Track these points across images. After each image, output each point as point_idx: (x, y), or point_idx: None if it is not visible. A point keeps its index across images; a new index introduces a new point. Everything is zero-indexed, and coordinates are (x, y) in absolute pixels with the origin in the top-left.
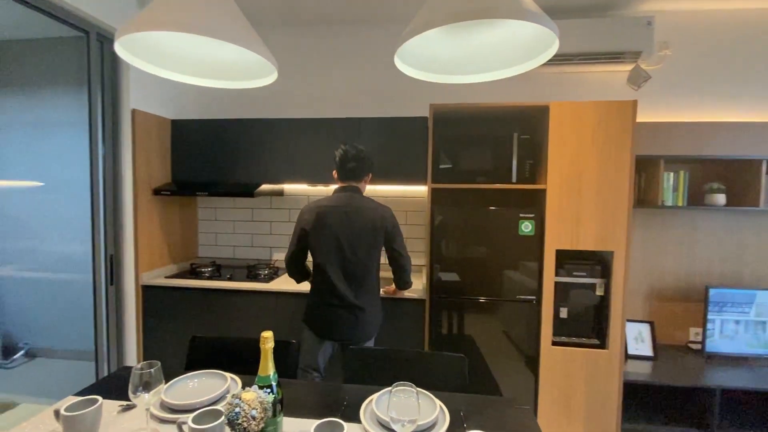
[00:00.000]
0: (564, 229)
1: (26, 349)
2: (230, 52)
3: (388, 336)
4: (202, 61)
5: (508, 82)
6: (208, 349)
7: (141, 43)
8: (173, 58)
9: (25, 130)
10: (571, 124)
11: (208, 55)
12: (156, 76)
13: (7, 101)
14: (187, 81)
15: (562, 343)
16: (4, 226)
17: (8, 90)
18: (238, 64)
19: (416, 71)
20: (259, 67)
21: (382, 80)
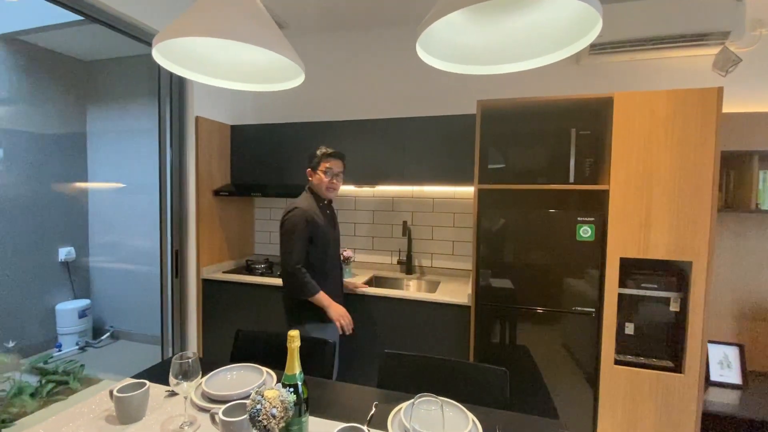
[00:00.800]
0: (630, 235)
1: (111, 332)
2: (261, 57)
3: (429, 342)
4: (235, 66)
5: (564, 73)
6: (252, 342)
7: (177, 50)
8: (208, 63)
9: (110, 138)
10: (640, 116)
11: (240, 59)
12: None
13: (97, 113)
14: (220, 85)
15: (627, 362)
16: (96, 223)
17: (99, 103)
18: (268, 68)
19: (443, 62)
20: (289, 70)
21: (429, 79)
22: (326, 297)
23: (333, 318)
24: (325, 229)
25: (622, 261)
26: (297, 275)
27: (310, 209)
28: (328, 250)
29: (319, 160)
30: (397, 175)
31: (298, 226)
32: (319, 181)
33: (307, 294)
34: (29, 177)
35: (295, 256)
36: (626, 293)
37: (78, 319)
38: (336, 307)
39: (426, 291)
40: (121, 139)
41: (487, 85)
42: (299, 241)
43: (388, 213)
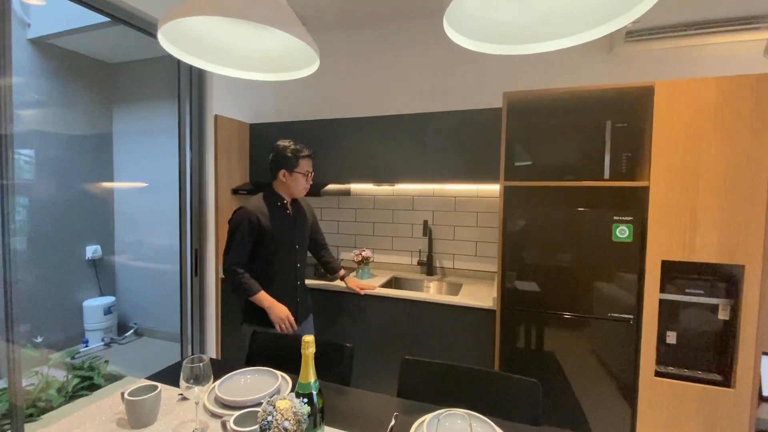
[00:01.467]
0: (673, 235)
1: (135, 329)
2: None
3: (450, 347)
4: (246, 54)
5: (595, 63)
6: (268, 344)
7: (188, 37)
8: (219, 51)
9: (135, 138)
10: (685, 106)
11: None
12: (237, 83)
13: (122, 114)
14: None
15: (669, 374)
16: (121, 222)
17: (124, 104)
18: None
19: (472, 41)
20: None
21: (450, 72)
22: (267, 298)
23: (273, 320)
24: (274, 231)
25: (664, 264)
26: (232, 276)
27: (256, 209)
28: (277, 251)
29: (298, 160)
30: (417, 173)
31: (238, 227)
32: (295, 182)
33: (245, 294)
34: (59, 177)
35: (231, 256)
36: (668, 299)
37: (104, 316)
38: (277, 308)
39: (448, 293)
40: (144, 139)
41: (511, 77)
42: (238, 241)
43: (408, 212)
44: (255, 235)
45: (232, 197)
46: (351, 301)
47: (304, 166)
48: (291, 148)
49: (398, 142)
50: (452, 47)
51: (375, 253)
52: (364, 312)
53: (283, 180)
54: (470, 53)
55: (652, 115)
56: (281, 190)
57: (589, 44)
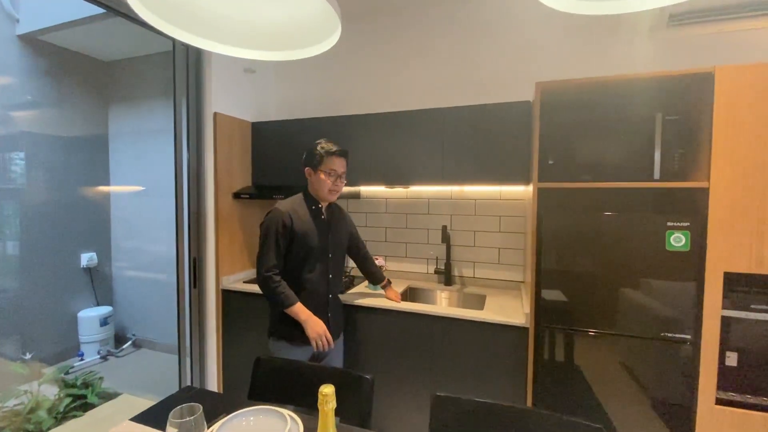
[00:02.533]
0: (738, 243)
1: (133, 340)
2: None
3: (478, 371)
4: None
5: (634, 51)
6: (273, 372)
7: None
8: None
9: (132, 139)
10: (753, 95)
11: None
12: (238, 78)
13: (119, 114)
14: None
15: (731, 402)
16: (119, 228)
17: (120, 104)
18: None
19: None
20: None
21: (471, 62)
22: (304, 310)
23: (309, 336)
24: (307, 236)
25: (727, 276)
26: (267, 282)
27: (291, 210)
28: (308, 258)
29: (321, 158)
30: (433, 174)
31: (271, 229)
32: (319, 182)
33: (279, 305)
34: (52, 181)
35: (266, 260)
36: (731, 316)
37: (100, 327)
38: (314, 323)
39: (470, 306)
40: (143, 139)
41: (537, 69)
42: (273, 244)
43: (424, 216)
44: (288, 237)
45: (233, 202)
46: (365, 318)
47: (329, 164)
48: (320, 144)
49: (413, 141)
50: (472, 35)
51: (387, 261)
52: (379, 329)
53: (309, 179)
54: (493, 42)
55: (711, 106)
56: (312, 192)
57: (627, 30)
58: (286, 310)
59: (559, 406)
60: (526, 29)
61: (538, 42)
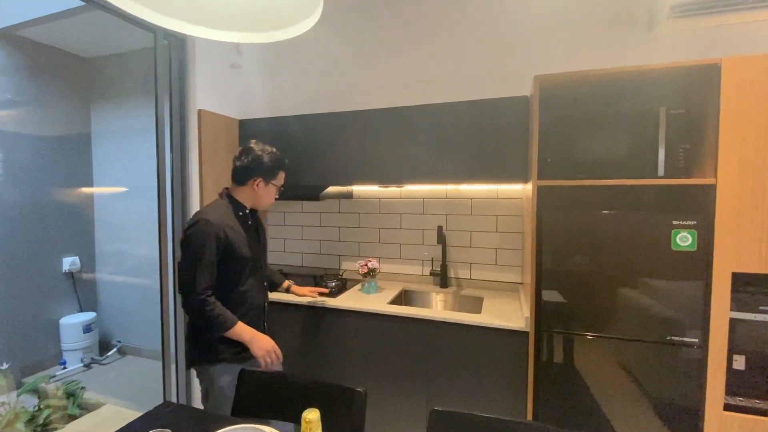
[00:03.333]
0: (746, 242)
1: (118, 347)
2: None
3: (475, 378)
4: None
5: (632, 45)
6: (259, 385)
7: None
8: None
9: (116, 138)
10: (761, 87)
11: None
12: (224, 73)
13: (102, 113)
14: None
15: (740, 407)
16: (103, 231)
17: (103, 102)
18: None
19: None
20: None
21: (467, 57)
22: (247, 329)
23: (257, 355)
24: (243, 246)
25: (735, 277)
26: (203, 308)
27: (221, 221)
28: (244, 271)
29: (276, 171)
30: (428, 173)
31: (203, 244)
32: (267, 194)
33: (221, 329)
34: (31, 182)
35: (200, 281)
36: (739, 318)
37: (83, 334)
38: (261, 340)
39: (467, 309)
40: (127, 139)
41: (537, 62)
42: (206, 262)
43: (418, 216)
44: (221, 251)
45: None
46: (356, 323)
47: (281, 178)
48: (271, 155)
49: (407, 138)
50: (469, 29)
51: (381, 263)
52: (371, 335)
53: (254, 189)
54: (490, 35)
55: (718, 99)
56: (244, 199)
57: (625, 23)
58: (227, 333)
59: (562, 414)
60: (523, 23)
61: (535, 37)
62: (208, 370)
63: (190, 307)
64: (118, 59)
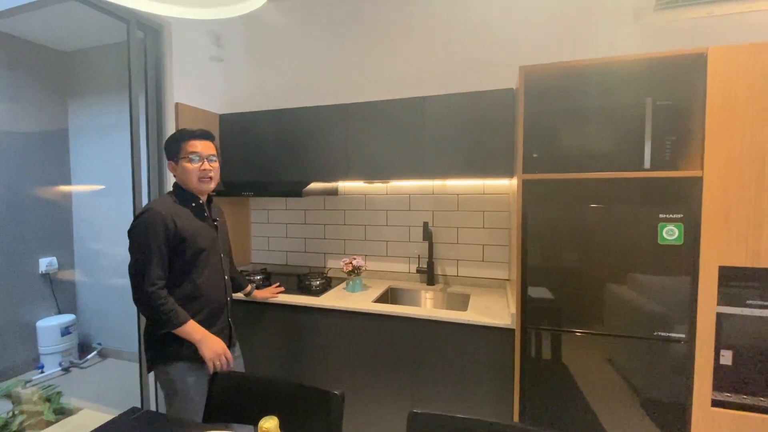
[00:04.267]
0: (733, 236)
1: (99, 350)
2: None
3: (461, 377)
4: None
5: (619, 36)
6: (232, 388)
7: None
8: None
9: (95, 134)
10: (748, 77)
11: None
12: (204, 68)
13: (80, 108)
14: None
15: (727, 403)
16: (82, 230)
17: (81, 97)
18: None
19: None
20: None
21: (449, 49)
22: (197, 328)
23: (206, 357)
24: (196, 236)
25: (722, 271)
26: (152, 300)
27: (171, 210)
28: (201, 264)
29: (178, 144)
30: (414, 168)
31: (150, 234)
32: (184, 172)
33: (169, 325)
34: (6, 180)
35: (149, 273)
36: (726, 312)
37: (61, 337)
38: (211, 341)
39: (454, 307)
40: (106, 135)
41: (522, 56)
42: (155, 252)
43: (405, 213)
44: (173, 242)
45: None
46: (336, 321)
47: (189, 148)
48: (174, 134)
49: (392, 133)
50: (454, 20)
51: (367, 260)
52: (353, 334)
53: (174, 174)
54: (475, 26)
55: (704, 90)
56: (186, 187)
57: (611, 14)
58: (177, 330)
59: (549, 412)
60: (509, 16)
61: (521, 30)
62: (167, 371)
63: (140, 301)
64: (96, 53)
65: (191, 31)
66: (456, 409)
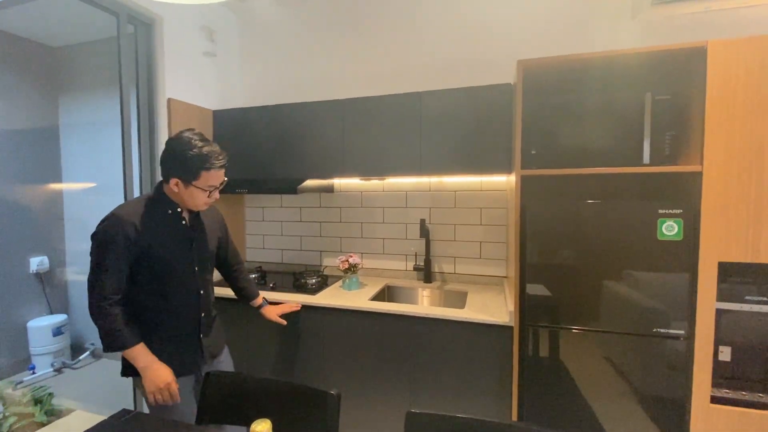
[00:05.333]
0: (733, 231)
1: (92, 350)
2: None
3: (459, 376)
4: None
5: (616, 33)
6: (225, 388)
7: None
8: None
9: (87, 131)
10: (748, 72)
11: None
12: (197, 63)
13: (71, 104)
14: None
15: (726, 399)
16: (73, 229)
17: (72, 93)
18: None
19: None
20: None
21: (446, 44)
22: (142, 355)
23: (146, 389)
24: (162, 248)
25: (721, 266)
26: (100, 317)
27: (135, 217)
28: (167, 278)
29: (198, 172)
30: (411, 165)
31: (108, 243)
32: (191, 197)
33: (112, 346)
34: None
35: (100, 286)
36: (725, 308)
37: (53, 337)
38: (153, 372)
39: (451, 305)
40: (98, 132)
41: (520, 52)
42: (111, 263)
43: (402, 210)
44: (135, 253)
45: None
46: (332, 320)
47: (208, 179)
48: (192, 152)
49: (388, 129)
50: (450, 14)
51: (364, 258)
52: (350, 333)
53: (175, 190)
54: (473, 21)
55: (704, 84)
56: (173, 196)
57: (609, 10)
58: (124, 352)
59: (547, 410)
60: (506, 11)
61: (518, 25)
62: (141, 383)
63: (91, 314)
64: (88, 48)
65: (183, 26)
66: (454, 408)
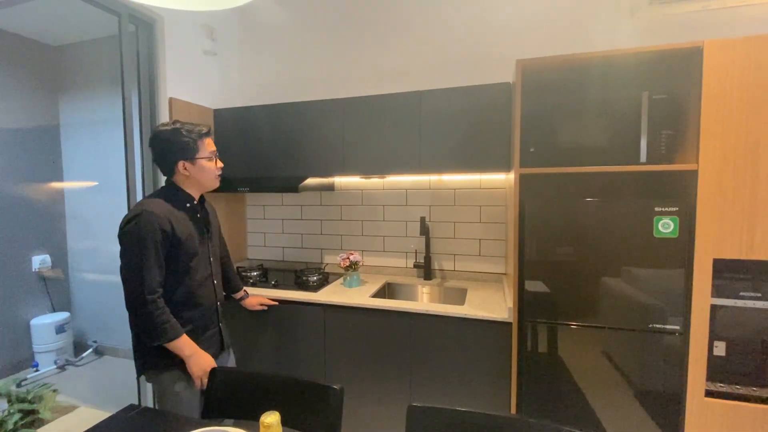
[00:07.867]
0: (728, 228)
1: (95, 347)
2: None
3: (458, 371)
4: None
5: (614, 31)
6: (230, 385)
7: None
8: None
9: (88, 130)
10: (743, 71)
11: None
12: (198, 63)
13: (71, 103)
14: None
15: (721, 393)
16: (75, 227)
17: (73, 92)
18: None
19: None
20: None
21: (446, 43)
22: (188, 343)
23: (193, 374)
24: (190, 241)
25: (716, 263)
26: (149, 309)
27: (166, 213)
28: (194, 269)
29: (195, 143)
30: (411, 163)
31: (148, 238)
32: (203, 171)
33: (162, 339)
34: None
35: (149, 280)
36: (720, 304)
37: (56, 335)
38: (200, 358)
39: (451, 301)
40: (99, 130)
41: (519, 50)
42: (153, 258)
43: (402, 208)
44: (167, 247)
45: None
46: (334, 316)
47: (207, 147)
48: (182, 131)
49: (388, 127)
50: (450, 13)
51: (365, 256)
52: (351, 329)
53: (186, 174)
54: (472, 20)
55: (700, 84)
56: (188, 186)
57: (607, 9)
58: (168, 344)
59: (545, 405)
60: (504, 9)
61: (517, 24)
62: (159, 379)
63: (136, 309)
64: (88, 47)
65: (184, 25)
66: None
